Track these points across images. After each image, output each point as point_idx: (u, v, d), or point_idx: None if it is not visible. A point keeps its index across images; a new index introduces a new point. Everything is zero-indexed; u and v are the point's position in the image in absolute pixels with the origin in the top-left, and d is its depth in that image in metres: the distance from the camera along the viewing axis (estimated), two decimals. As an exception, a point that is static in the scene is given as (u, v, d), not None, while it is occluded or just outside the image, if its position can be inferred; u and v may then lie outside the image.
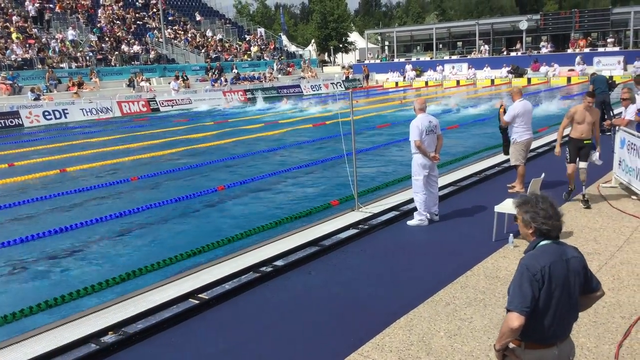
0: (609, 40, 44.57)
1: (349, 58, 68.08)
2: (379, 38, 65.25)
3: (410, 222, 8.64)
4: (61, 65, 34.09)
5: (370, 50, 61.70)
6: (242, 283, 6.53)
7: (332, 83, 44.04)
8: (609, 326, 5.13)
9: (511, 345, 3.21)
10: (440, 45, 55.80)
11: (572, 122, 9.15)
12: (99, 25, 40.28)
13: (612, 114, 14.55)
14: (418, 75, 46.69)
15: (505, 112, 10.00)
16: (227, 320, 5.72)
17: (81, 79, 32.70)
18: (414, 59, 52.37)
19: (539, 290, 3.03)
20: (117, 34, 40.08)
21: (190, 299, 6.11)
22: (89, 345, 5.27)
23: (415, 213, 8.66)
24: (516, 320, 3.01)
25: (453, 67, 46.07)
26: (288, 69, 46.32)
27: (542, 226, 3.13)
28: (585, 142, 9.02)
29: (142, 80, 35.48)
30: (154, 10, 45.43)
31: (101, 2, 43.25)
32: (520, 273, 3.07)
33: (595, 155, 9.44)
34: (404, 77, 46.83)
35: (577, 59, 40.45)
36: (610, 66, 38.63)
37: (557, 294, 3.05)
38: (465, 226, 8.41)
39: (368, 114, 25.77)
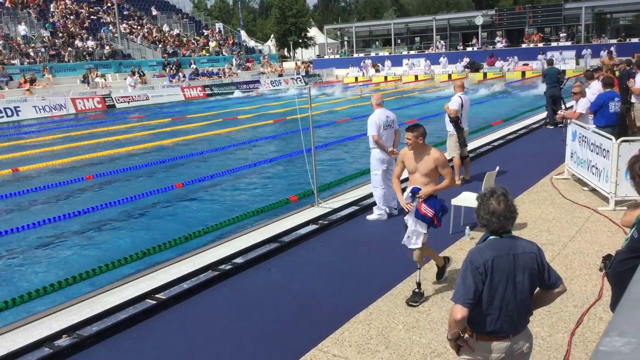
0: (561, 35, 45.71)
1: (309, 53, 68.06)
2: (338, 33, 65.40)
3: (369, 217, 8.68)
4: (12, 62, 33.04)
5: (329, 46, 61.77)
6: (200, 282, 6.45)
7: (292, 78, 43.93)
8: (562, 315, 5.26)
9: (466, 335, 3.27)
10: (399, 41, 56.29)
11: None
12: (51, 20, 39.20)
13: (563, 107, 14.91)
14: (377, 71, 46.93)
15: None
16: (186, 321, 5.65)
17: (33, 76, 31.74)
18: (373, 54, 52.64)
19: (482, 283, 3.09)
20: (71, 29, 39.07)
21: (147, 300, 5.99)
22: (42, 349, 5.13)
23: (374, 207, 8.71)
24: (459, 312, 3.07)
25: (409, 60, 46.28)
26: (247, 64, 46.00)
27: (481, 220, 3.20)
28: None
29: (96, 77, 34.68)
30: (109, 4, 44.47)
31: (53, -3, 42.10)
32: (465, 266, 3.14)
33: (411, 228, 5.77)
34: (364, 72, 47.04)
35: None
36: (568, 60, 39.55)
37: (501, 287, 3.11)
38: (424, 220, 8.48)
39: (327, 109, 25.80)
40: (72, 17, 40.87)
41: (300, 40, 67.94)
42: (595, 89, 11.55)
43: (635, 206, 3.87)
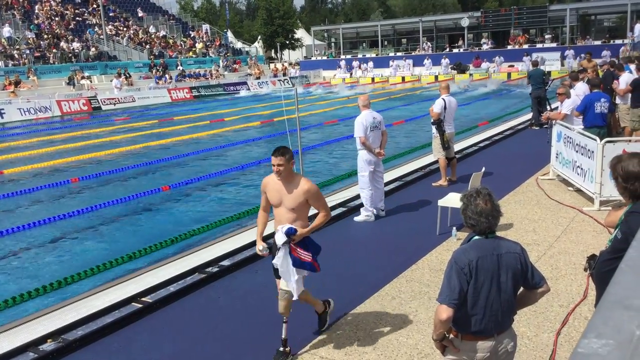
0: (546, 36, 46.05)
1: (296, 55, 68.05)
2: (326, 35, 65.44)
3: (357, 218, 8.69)
4: (-4, 64, 32.78)
5: (317, 47, 61.80)
6: (187, 285, 6.43)
7: (279, 80, 43.87)
8: (548, 315, 5.29)
9: (451, 335, 3.29)
10: (386, 42, 56.41)
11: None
12: (36, 22, 38.88)
13: (548, 108, 15.03)
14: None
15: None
16: (173, 324, 5.62)
17: (18, 78, 31.45)
18: (360, 55, 52.72)
19: (467, 283, 3.11)
20: (56, 31, 38.77)
21: (133, 303, 5.96)
22: (26, 354, 5.08)
23: (361, 209, 8.72)
24: (444, 312, 3.09)
25: (393, 61, 46.35)
26: (234, 65, 45.87)
27: (469, 221, 3.22)
28: None
29: (82, 78, 34.43)
30: (94, 6, 44.19)
31: (38, -2, 41.79)
32: (450, 266, 3.16)
33: (292, 274, 4.83)
34: (351, 74, 47.09)
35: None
36: (549, 62, 39.80)
37: (485, 287, 3.13)
38: (411, 221, 8.53)
39: (315, 110, 25.81)
40: (57, 18, 40.57)
41: (288, 42, 67.93)
42: (580, 90, 11.64)
43: (619, 207, 3.90)
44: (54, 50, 36.28)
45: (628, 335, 0.89)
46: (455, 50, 47.93)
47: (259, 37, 68.40)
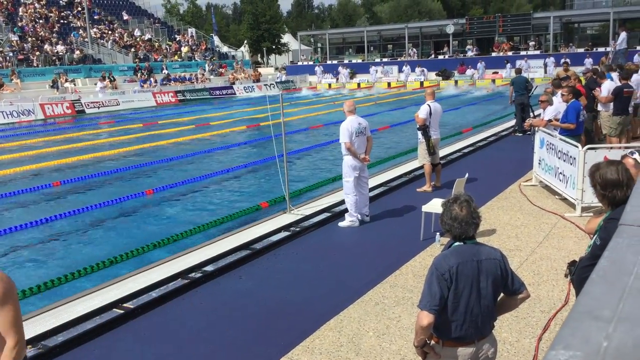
0: (530, 43, 46.53)
1: (282, 59, 68.11)
2: (312, 40, 65.57)
3: (341, 224, 8.70)
4: (-22, 66, 32.43)
5: (303, 52, 61.87)
6: (170, 290, 6.38)
7: (265, 84, 43.84)
8: (529, 320, 5.33)
9: (432, 342, 3.30)
10: (372, 48, 56.63)
11: None
12: (19, 24, 38.53)
13: (532, 115, 15.15)
14: (351, 77, 47.07)
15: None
16: (154, 330, 5.57)
17: (1, 80, 31.12)
18: (346, 60, 52.87)
19: (447, 289, 3.13)
20: (40, 34, 38.45)
21: (114, 309, 5.91)
22: (5, 361, 5.01)
23: (346, 214, 8.73)
24: (425, 318, 3.10)
25: (373, 67, 46.50)
26: (220, 69, 45.73)
27: (444, 226, 3.26)
28: None
29: (66, 81, 34.15)
30: (79, 9, 43.88)
31: (22, 1, 41.38)
32: (431, 272, 3.19)
33: None
34: (337, 79, 47.16)
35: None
36: (533, 69, 40.15)
37: (465, 293, 3.15)
38: (395, 226, 8.55)
39: (300, 115, 25.82)
40: (41, 21, 40.24)
41: (274, 47, 67.97)
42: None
43: (600, 213, 3.95)
44: (38, 53, 35.96)
45: (596, 347, 0.90)
46: (440, 57, 48.22)
47: (245, 42, 68.39)
